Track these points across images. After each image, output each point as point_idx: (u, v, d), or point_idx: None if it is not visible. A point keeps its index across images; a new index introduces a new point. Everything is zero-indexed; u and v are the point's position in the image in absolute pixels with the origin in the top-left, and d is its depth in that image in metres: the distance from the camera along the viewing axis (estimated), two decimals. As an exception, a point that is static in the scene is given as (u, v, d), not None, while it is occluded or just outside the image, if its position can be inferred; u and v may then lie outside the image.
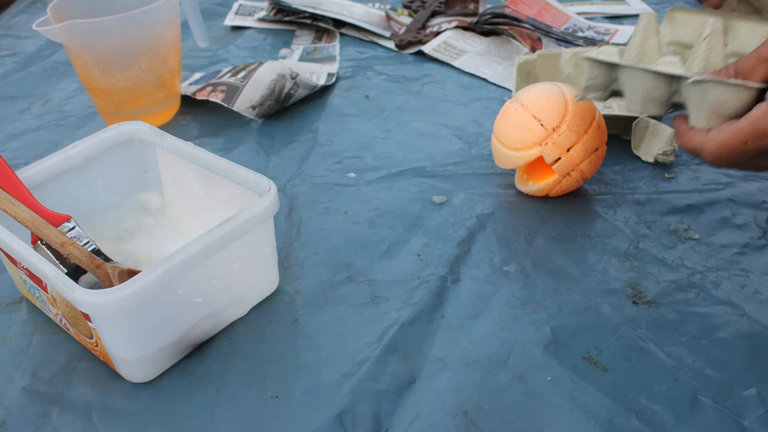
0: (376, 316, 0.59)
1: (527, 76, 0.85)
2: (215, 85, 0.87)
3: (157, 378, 0.55)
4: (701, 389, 0.52)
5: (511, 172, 0.74)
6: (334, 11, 1.07)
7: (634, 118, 0.76)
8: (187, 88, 0.90)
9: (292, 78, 0.86)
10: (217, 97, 0.85)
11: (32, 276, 0.55)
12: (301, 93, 0.88)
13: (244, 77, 0.85)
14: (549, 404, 0.51)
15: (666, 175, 0.74)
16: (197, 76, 0.94)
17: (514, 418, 0.50)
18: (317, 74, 0.95)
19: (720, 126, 0.49)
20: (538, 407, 0.51)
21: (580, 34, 1.01)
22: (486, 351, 0.55)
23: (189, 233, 0.59)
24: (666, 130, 0.74)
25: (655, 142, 0.75)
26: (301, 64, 0.98)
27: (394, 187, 0.74)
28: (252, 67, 0.87)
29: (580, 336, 0.56)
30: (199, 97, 0.86)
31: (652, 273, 0.62)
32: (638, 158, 0.76)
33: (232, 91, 0.84)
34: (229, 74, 0.88)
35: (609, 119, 0.73)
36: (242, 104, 0.84)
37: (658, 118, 0.76)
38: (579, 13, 1.08)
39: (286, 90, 0.85)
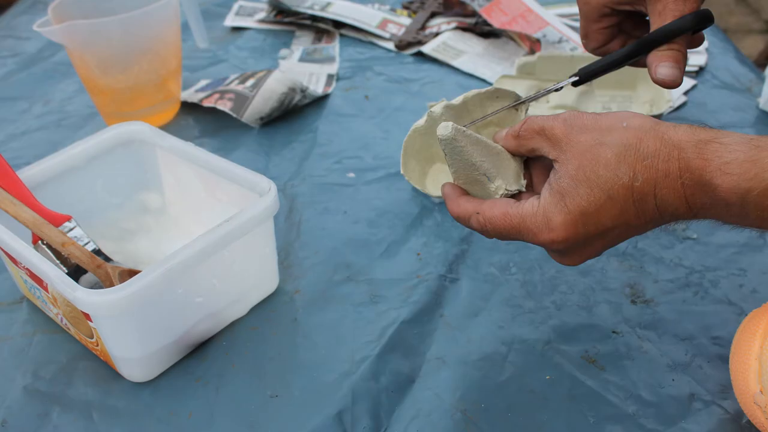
0: (375, 315, 0.59)
1: (528, 78, 0.86)
2: (223, 92, 0.86)
3: (158, 377, 0.55)
4: (699, 388, 0.52)
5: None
6: (333, 12, 1.07)
7: None
8: (193, 95, 0.89)
9: (302, 91, 0.86)
10: (225, 105, 0.84)
11: (33, 276, 0.55)
12: (304, 101, 0.88)
13: (254, 86, 0.85)
14: (548, 403, 0.52)
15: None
16: (203, 83, 0.94)
17: (513, 417, 0.51)
18: (317, 75, 0.95)
19: (494, 201, 0.47)
20: (537, 406, 0.51)
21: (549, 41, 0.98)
22: (485, 350, 0.56)
23: (189, 233, 0.59)
24: None
25: None
26: (301, 65, 0.98)
27: (393, 186, 0.75)
28: (260, 74, 0.86)
29: (579, 335, 0.56)
30: (206, 104, 0.86)
31: (650, 272, 0.62)
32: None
33: (241, 101, 0.84)
34: (237, 81, 0.88)
35: None
36: (251, 116, 0.83)
37: None
38: (576, 15, 1.08)
39: (294, 102, 0.86)
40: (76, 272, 0.57)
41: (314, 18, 1.07)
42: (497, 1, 1.03)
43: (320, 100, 0.91)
